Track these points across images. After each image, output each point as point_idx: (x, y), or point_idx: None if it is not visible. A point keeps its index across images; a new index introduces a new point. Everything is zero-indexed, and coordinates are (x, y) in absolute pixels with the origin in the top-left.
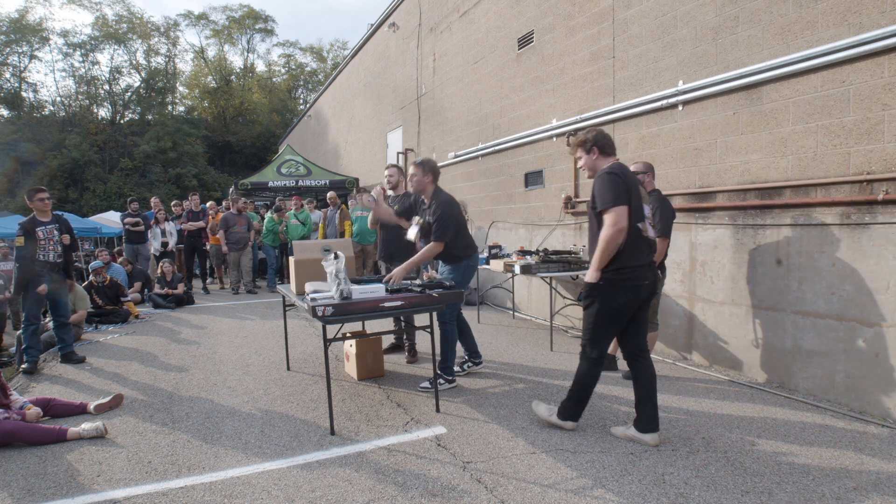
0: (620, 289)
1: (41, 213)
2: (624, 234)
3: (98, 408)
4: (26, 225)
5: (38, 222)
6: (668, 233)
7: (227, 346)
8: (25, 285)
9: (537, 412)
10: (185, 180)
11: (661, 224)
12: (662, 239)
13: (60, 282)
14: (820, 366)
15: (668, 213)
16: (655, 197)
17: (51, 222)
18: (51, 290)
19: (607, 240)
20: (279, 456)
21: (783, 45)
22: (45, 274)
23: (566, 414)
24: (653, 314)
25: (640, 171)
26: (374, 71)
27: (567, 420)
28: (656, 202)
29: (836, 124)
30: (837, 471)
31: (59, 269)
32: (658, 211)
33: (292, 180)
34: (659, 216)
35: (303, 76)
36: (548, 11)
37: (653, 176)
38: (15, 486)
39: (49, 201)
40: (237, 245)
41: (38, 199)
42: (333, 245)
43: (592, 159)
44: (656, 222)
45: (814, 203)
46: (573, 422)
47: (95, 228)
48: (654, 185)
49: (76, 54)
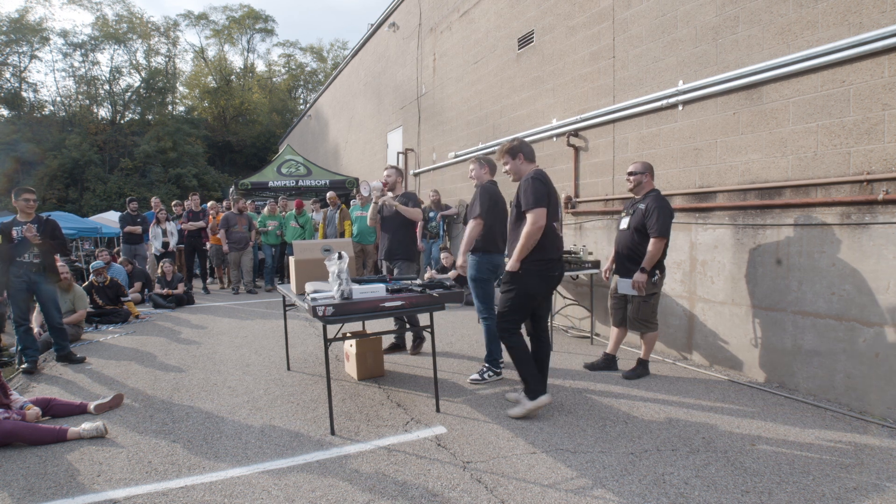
0: (537, 277)
1: (23, 213)
2: (542, 231)
3: (98, 408)
4: (2, 226)
5: (17, 223)
6: (665, 233)
7: (227, 346)
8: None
9: (513, 414)
10: (185, 180)
11: (659, 224)
12: (659, 239)
13: (42, 282)
14: (820, 366)
15: (666, 214)
16: (653, 197)
17: (32, 223)
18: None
19: (527, 236)
20: (279, 456)
21: (783, 44)
22: (22, 274)
23: (534, 391)
24: (652, 314)
25: (639, 172)
26: (374, 71)
27: (539, 396)
28: (654, 202)
29: (836, 124)
30: (838, 471)
31: (35, 269)
32: (656, 211)
33: (292, 180)
34: (656, 217)
35: (303, 76)
36: (548, 11)
37: (651, 176)
38: (15, 485)
39: (34, 203)
40: (238, 245)
41: (24, 199)
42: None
43: (518, 164)
44: (653, 223)
45: (814, 203)
46: (545, 394)
47: (96, 228)
48: (652, 184)
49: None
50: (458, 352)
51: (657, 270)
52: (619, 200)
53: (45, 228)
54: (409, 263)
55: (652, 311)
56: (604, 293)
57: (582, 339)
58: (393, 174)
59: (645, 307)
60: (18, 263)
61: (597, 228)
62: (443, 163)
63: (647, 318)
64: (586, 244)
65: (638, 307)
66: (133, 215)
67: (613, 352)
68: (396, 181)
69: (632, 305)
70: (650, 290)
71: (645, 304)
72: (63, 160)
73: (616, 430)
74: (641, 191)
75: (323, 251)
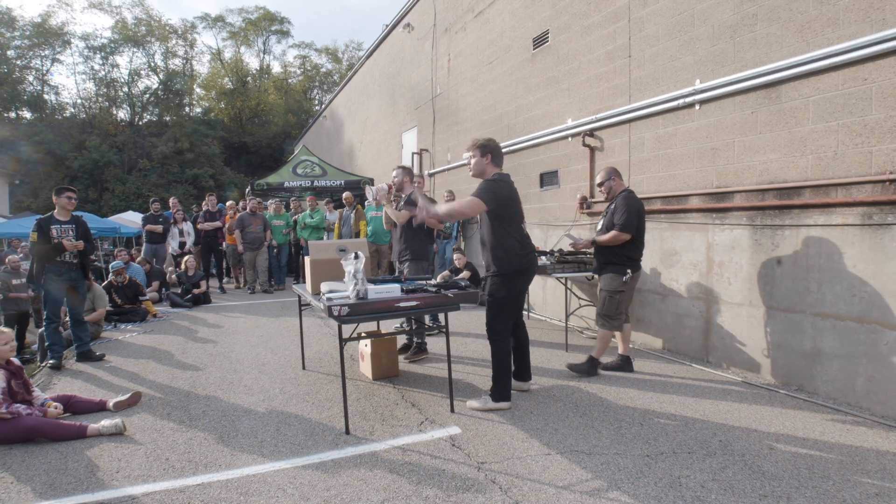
0: (517, 275)
1: (62, 211)
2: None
3: (117, 405)
4: (41, 221)
5: (55, 220)
6: (628, 229)
7: (242, 344)
8: (42, 282)
9: (472, 406)
10: (202, 181)
11: (623, 219)
12: (620, 232)
13: (79, 280)
14: (840, 369)
15: (631, 210)
16: (622, 196)
17: (68, 222)
18: (68, 289)
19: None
20: (294, 454)
21: (803, 42)
22: (63, 273)
23: (501, 395)
24: (615, 311)
25: (606, 180)
26: (388, 72)
27: (502, 401)
28: (622, 200)
29: (857, 123)
30: (859, 476)
31: (75, 268)
32: (622, 207)
33: (308, 180)
34: (621, 212)
35: (318, 77)
36: (563, 11)
37: (619, 177)
38: (38, 480)
39: (74, 202)
40: (252, 245)
41: (66, 197)
42: (349, 245)
43: (484, 163)
44: (619, 217)
45: (834, 203)
46: (508, 401)
47: (115, 228)
48: (623, 185)
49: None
50: (472, 352)
51: (629, 269)
52: None
53: (80, 230)
54: (417, 263)
55: (616, 309)
56: None
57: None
58: (400, 174)
59: (610, 302)
60: (59, 262)
61: None
62: (458, 163)
63: (610, 314)
64: None
65: (603, 302)
66: (156, 215)
67: (626, 353)
68: (404, 181)
69: (598, 300)
70: (618, 287)
71: (610, 300)
72: (83, 161)
73: (631, 432)
74: (615, 194)
75: (338, 251)
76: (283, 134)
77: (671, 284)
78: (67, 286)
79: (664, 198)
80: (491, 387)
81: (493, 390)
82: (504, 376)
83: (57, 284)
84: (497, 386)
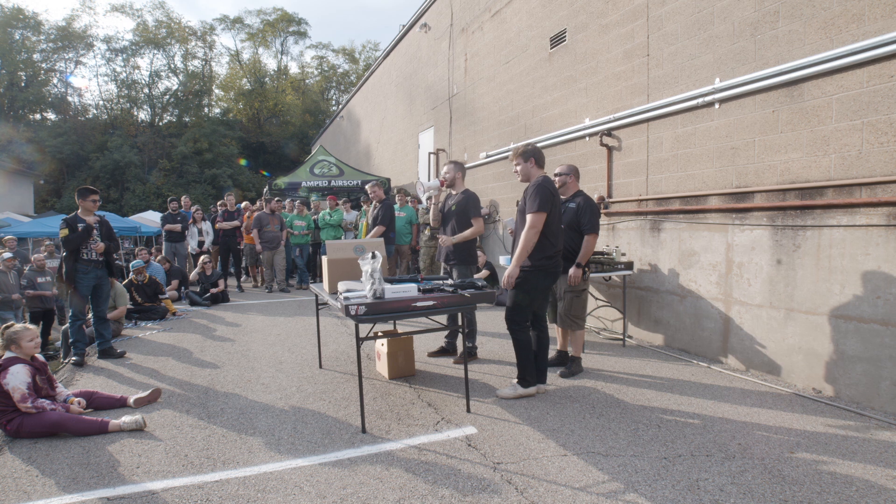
0: (543, 273)
1: (86, 212)
2: (538, 235)
3: (137, 402)
4: (69, 219)
5: (80, 220)
6: (597, 230)
7: (260, 343)
8: (73, 278)
9: (503, 394)
10: (220, 180)
11: (592, 223)
12: (593, 236)
13: (104, 278)
14: (864, 372)
15: (594, 212)
16: (585, 197)
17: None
18: (95, 286)
19: (526, 239)
20: (311, 452)
21: (826, 39)
22: (90, 271)
23: (529, 382)
24: (583, 310)
25: (564, 173)
26: (405, 72)
27: (531, 386)
28: (585, 202)
29: (883, 121)
30: (885, 481)
31: (101, 266)
32: (587, 210)
33: (325, 180)
34: (588, 215)
35: (335, 77)
36: (580, 10)
37: (576, 178)
38: (61, 474)
39: (98, 204)
40: (270, 244)
41: (91, 201)
42: (367, 245)
43: (529, 167)
44: (586, 221)
45: (858, 203)
46: (535, 387)
47: (135, 227)
48: (577, 186)
49: (118, 59)
50: (488, 352)
51: (588, 267)
52: (653, 201)
53: (104, 229)
54: (466, 267)
55: (583, 308)
56: (637, 294)
57: (614, 341)
58: (451, 170)
59: (577, 303)
60: (87, 261)
61: (630, 229)
62: (474, 163)
63: (579, 314)
64: (619, 245)
65: (570, 303)
66: (174, 214)
67: (564, 348)
68: (455, 177)
69: (563, 302)
70: (582, 285)
71: (577, 300)
72: (105, 161)
73: (649, 434)
74: (567, 191)
75: (356, 250)
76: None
77: (690, 285)
78: (93, 284)
79: (683, 198)
80: (517, 375)
81: (519, 378)
82: (528, 364)
83: (84, 282)
84: (523, 374)
